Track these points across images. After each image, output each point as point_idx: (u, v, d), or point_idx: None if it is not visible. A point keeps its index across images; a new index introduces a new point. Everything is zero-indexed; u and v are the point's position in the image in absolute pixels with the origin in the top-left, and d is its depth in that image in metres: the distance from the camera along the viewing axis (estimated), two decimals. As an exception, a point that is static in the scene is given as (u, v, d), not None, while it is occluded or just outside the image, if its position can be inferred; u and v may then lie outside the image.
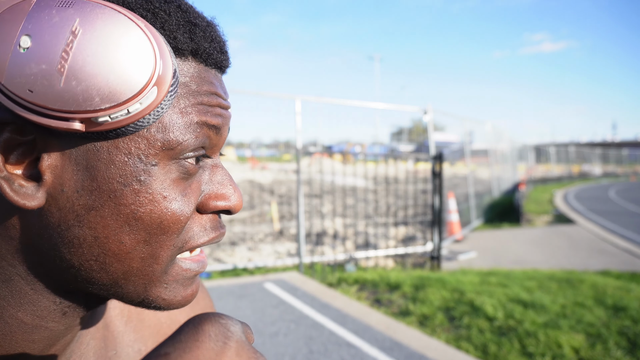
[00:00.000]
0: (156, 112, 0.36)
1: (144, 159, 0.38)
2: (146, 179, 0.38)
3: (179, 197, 0.40)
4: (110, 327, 0.55)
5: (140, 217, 0.39)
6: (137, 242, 0.39)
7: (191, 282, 0.44)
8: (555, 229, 10.52)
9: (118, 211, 0.38)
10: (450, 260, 7.29)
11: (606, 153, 48.99)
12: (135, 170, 0.38)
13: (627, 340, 3.62)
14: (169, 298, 0.43)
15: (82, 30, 0.33)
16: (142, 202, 0.39)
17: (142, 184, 0.38)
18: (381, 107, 8.15)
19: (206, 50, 0.42)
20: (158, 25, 0.38)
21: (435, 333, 3.92)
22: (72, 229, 0.39)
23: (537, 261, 7.14)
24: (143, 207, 0.39)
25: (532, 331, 3.74)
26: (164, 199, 0.39)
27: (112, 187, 0.38)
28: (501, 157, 15.63)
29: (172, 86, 0.37)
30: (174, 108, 0.39)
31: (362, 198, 14.36)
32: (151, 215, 0.39)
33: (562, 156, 36.49)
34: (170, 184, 0.39)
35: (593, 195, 19.85)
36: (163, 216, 0.39)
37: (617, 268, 6.47)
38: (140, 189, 0.38)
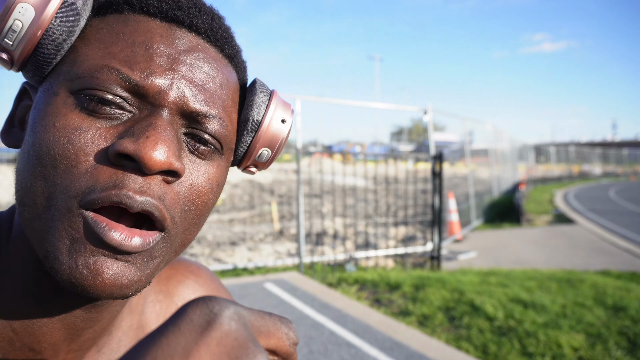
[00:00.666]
0: (48, 36, 0.39)
1: (50, 89, 0.41)
2: (45, 107, 0.40)
3: (73, 131, 0.39)
4: (145, 329, 0.56)
5: (35, 143, 0.40)
6: (36, 176, 0.39)
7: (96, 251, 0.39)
8: (555, 228, 10.52)
9: (27, 141, 0.41)
10: (450, 260, 7.29)
11: (606, 153, 48.99)
12: (41, 99, 0.41)
13: (627, 340, 3.62)
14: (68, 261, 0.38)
15: None
16: (38, 130, 0.40)
17: (41, 112, 0.40)
18: (381, 107, 8.15)
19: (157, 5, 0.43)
20: None
21: (435, 333, 3.92)
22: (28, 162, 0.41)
23: (537, 261, 7.14)
24: (39, 134, 0.40)
25: (532, 331, 3.73)
26: (54, 126, 0.39)
27: (33, 118, 0.41)
28: (501, 157, 15.64)
29: (62, 12, 0.39)
30: (85, 47, 0.41)
31: (362, 198, 14.35)
32: (41, 143, 0.39)
33: (562, 156, 36.49)
34: (65, 115, 0.39)
35: (593, 195, 19.86)
36: (52, 145, 0.39)
37: (617, 268, 6.47)
38: (38, 116, 0.41)
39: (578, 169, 39.63)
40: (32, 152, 0.40)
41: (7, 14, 0.38)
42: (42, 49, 0.40)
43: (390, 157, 6.94)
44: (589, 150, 44.55)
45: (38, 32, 0.38)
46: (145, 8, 0.43)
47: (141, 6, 0.43)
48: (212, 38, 0.46)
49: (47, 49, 0.40)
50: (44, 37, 0.39)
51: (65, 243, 0.38)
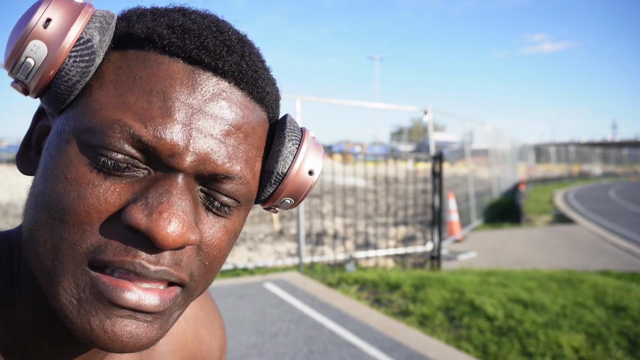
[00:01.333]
0: (61, 76, 0.37)
1: (62, 135, 0.39)
2: (57, 155, 0.38)
3: (84, 185, 0.37)
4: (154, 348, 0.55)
5: (44, 192, 0.38)
6: (41, 224, 0.38)
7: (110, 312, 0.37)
8: (555, 229, 10.52)
9: (36, 184, 0.40)
10: (450, 260, 7.29)
11: (606, 153, 48.98)
12: (52, 143, 0.39)
13: (628, 340, 3.62)
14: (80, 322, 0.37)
15: None
16: (48, 178, 0.38)
17: (52, 158, 0.39)
18: (381, 107, 8.15)
19: (165, 37, 0.40)
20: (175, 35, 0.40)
21: (435, 333, 3.92)
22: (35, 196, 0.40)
23: (537, 261, 7.14)
24: (49, 182, 0.38)
25: (532, 331, 3.73)
26: (65, 179, 0.37)
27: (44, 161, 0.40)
28: (501, 157, 15.63)
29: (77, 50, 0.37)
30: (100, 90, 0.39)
31: (362, 198, 14.35)
32: (51, 193, 0.37)
33: (562, 156, 36.49)
34: (77, 168, 0.37)
35: (593, 195, 19.85)
36: (62, 198, 0.37)
37: (618, 268, 6.47)
38: (49, 162, 0.39)
39: (578, 169, 39.62)
40: (40, 200, 0.38)
41: (20, 50, 0.37)
42: (55, 88, 0.38)
43: (390, 157, 6.93)
44: (589, 150, 44.55)
45: (50, 71, 0.37)
46: (168, 47, 0.40)
47: (163, 45, 0.40)
48: (240, 81, 0.42)
49: (59, 89, 0.38)
50: (57, 77, 0.37)
51: (72, 302, 0.37)
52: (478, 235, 9.77)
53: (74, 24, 0.37)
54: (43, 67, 0.37)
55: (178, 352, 0.58)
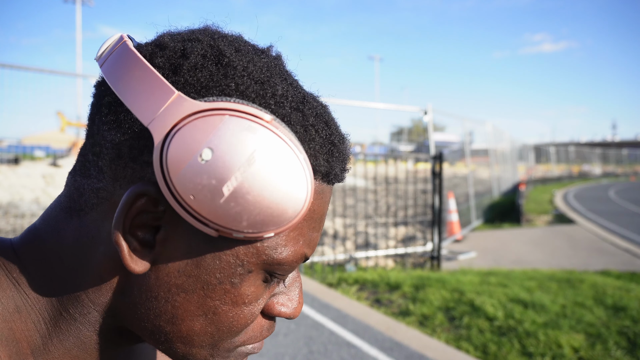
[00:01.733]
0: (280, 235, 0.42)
1: (245, 265, 0.42)
2: (238, 283, 0.42)
3: (254, 302, 0.44)
4: None
5: (218, 312, 0.43)
6: (205, 333, 0.43)
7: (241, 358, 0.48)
8: (555, 229, 10.52)
9: (203, 302, 0.42)
10: (450, 260, 7.29)
11: (606, 153, 48.99)
12: (234, 272, 0.42)
13: (627, 340, 3.62)
14: None
15: (255, 162, 0.37)
16: (226, 301, 0.42)
17: (233, 286, 0.42)
18: (381, 107, 8.15)
19: (337, 173, 0.45)
20: (305, 143, 0.42)
21: (435, 333, 3.92)
22: (158, 301, 0.43)
23: (537, 261, 7.14)
24: (225, 305, 0.42)
25: (532, 331, 3.73)
26: (244, 303, 0.43)
27: (209, 280, 0.42)
28: (501, 157, 15.63)
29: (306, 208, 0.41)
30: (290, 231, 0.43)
31: (362, 198, 14.34)
32: (227, 314, 0.43)
33: (562, 156, 36.49)
34: (254, 291, 0.43)
35: (593, 195, 19.86)
36: (236, 317, 0.43)
37: (617, 268, 6.47)
38: (230, 290, 0.42)
39: (578, 169, 39.62)
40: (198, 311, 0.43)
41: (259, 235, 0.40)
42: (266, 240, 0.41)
43: (390, 157, 6.93)
44: (588, 151, 44.56)
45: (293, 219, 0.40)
46: (334, 180, 0.45)
47: (334, 180, 0.45)
48: None
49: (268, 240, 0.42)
50: None
51: None
52: (478, 235, 9.77)
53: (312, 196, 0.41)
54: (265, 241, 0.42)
55: None
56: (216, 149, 0.36)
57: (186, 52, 0.41)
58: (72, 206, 0.44)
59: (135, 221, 0.40)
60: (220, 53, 0.41)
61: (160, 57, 0.41)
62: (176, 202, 0.38)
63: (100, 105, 0.43)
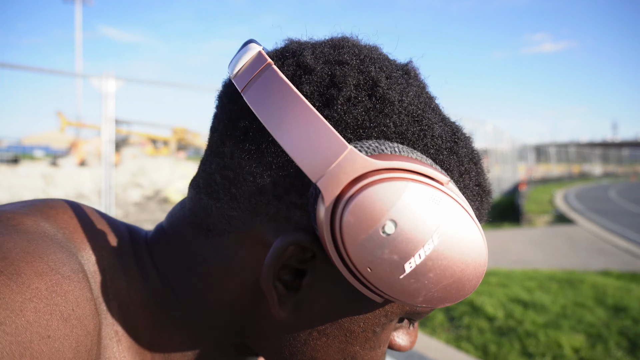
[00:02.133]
0: None
1: (389, 316, 0.42)
2: (379, 331, 0.43)
3: (386, 344, 0.45)
4: None
5: (356, 357, 0.43)
6: None
7: None
8: (555, 229, 10.52)
9: (344, 347, 0.43)
10: (450, 260, 7.29)
11: (606, 153, 49.01)
12: (377, 323, 0.42)
13: (628, 340, 3.61)
14: None
15: (441, 238, 0.34)
16: (366, 347, 0.43)
17: (375, 334, 0.43)
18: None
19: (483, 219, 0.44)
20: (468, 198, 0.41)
21: (435, 333, 3.91)
22: (296, 340, 0.42)
23: (538, 261, 7.13)
24: (364, 351, 0.43)
25: (532, 331, 3.73)
26: (379, 347, 0.44)
27: (352, 328, 0.42)
28: (501, 157, 15.64)
29: None
30: None
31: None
32: (364, 357, 0.44)
33: (562, 156, 36.51)
34: (388, 336, 0.45)
35: (593, 195, 19.86)
36: (369, 356, 0.44)
37: (618, 268, 6.46)
38: (371, 338, 0.43)
39: (578, 169, 39.63)
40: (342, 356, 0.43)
41: None
42: None
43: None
44: (589, 151, 44.57)
45: None
46: None
47: None
48: None
49: None
50: None
51: None
52: (478, 235, 9.76)
53: None
54: None
55: None
56: (400, 222, 0.33)
57: (337, 80, 0.38)
58: (198, 223, 0.43)
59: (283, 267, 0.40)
60: (374, 82, 0.39)
61: (308, 83, 0.39)
62: (348, 272, 0.36)
63: (234, 127, 0.41)
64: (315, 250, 0.38)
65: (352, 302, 0.41)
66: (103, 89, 5.45)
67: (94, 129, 21.47)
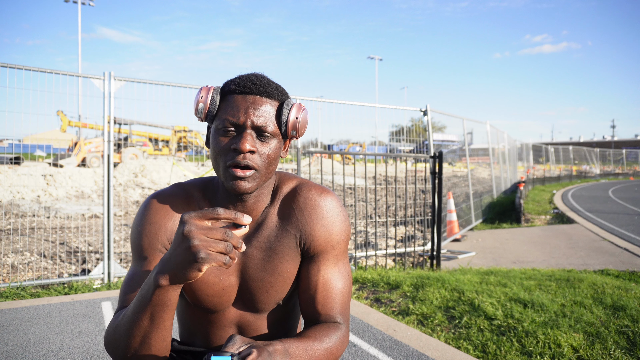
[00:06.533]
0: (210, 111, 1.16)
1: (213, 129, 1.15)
2: (212, 135, 1.15)
3: (219, 142, 1.11)
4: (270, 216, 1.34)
5: (212, 147, 1.14)
6: (213, 156, 1.13)
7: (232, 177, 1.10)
8: (554, 228, 10.54)
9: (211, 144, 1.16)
10: (450, 259, 7.30)
11: (605, 153, 48.98)
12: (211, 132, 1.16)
13: (627, 339, 3.63)
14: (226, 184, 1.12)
15: None
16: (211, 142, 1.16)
17: (212, 135, 1.15)
18: (381, 106, 8.16)
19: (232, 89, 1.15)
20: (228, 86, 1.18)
21: (434, 332, 3.93)
22: None
23: (537, 260, 7.15)
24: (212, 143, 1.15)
25: (531, 330, 3.75)
26: (213, 143, 1.14)
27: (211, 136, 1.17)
28: (501, 157, 15.64)
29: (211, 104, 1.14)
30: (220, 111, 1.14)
31: (362, 198, 14.35)
32: (212, 146, 1.14)
33: (561, 156, 36.49)
34: (216, 138, 1.13)
35: (592, 195, 19.88)
36: (215, 147, 1.12)
37: (616, 267, 6.49)
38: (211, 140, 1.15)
39: (577, 168, 39.61)
40: (211, 150, 1.12)
41: (197, 105, 1.13)
42: (208, 114, 1.14)
43: (390, 157, 6.93)
44: (588, 150, 44.53)
45: (206, 109, 1.14)
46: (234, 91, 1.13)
47: (234, 90, 1.13)
48: (264, 94, 1.12)
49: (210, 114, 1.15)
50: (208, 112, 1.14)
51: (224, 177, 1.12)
52: (477, 234, 9.79)
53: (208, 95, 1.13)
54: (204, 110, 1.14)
55: None
56: None
57: None
58: None
59: None
60: None
61: None
62: None
63: None
64: None
65: None
66: (104, 89, 5.46)
67: (94, 129, 21.44)
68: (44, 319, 4.21)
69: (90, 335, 3.83)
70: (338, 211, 1.26)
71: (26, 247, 7.22)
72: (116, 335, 0.98)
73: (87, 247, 7.44)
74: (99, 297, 4.88)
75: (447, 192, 9.37)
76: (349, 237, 1.31)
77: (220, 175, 1.12)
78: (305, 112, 1.17)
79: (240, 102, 1.09)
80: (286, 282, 1.19)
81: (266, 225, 1.20)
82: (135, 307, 0.93)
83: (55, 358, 3.36)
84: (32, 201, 13.01)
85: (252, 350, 0.86)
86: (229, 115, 1.09)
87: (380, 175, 19.97)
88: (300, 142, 6.64)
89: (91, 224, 9.73)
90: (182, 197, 1.20)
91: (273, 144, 1.13)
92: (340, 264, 1.24)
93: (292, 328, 1.34)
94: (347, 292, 1.23)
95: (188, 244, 0.84)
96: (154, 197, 1.19)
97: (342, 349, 1.12)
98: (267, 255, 1.18)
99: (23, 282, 5.20)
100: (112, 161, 5.43)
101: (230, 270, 1.17)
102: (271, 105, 1.12)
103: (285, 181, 1.27)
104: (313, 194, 1.23)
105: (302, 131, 1.16)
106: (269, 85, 1.12)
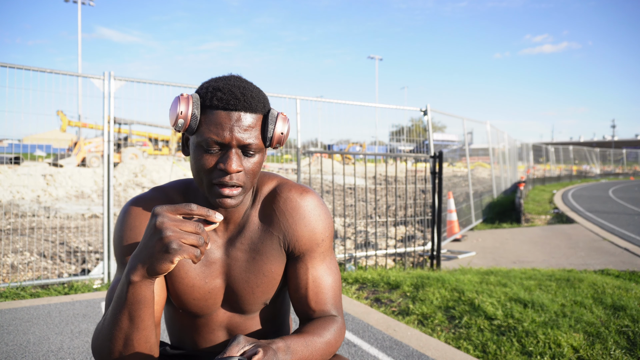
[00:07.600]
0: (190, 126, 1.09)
1: (193, 143, 1.11)
2: (193, 149, 1.11)
3: (203, 159, 1.08)
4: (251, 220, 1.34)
5: (192, 162, 1.11)
6: (195, 170, 1.11)
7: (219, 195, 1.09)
8: (554, 228, 10.53)
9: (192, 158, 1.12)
10: (450, 259, 7.30)
11: (605, 153, 48.97)
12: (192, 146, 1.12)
13: (627, 339, 3.63)
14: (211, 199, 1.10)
15: None
16: (192, 156, 1.11)
17: (192, 152, 1.11)
18: (381, 106, 8.15)
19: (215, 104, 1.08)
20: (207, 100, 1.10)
21: (434, 332, 3.93)
22: None
23: (537, 260, 7.15)
24: (194, 157, 1.10)
25: (531, 330, 3.75)
26: (195, 159, 1.10)
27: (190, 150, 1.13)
28: (501, 157, 15.64)
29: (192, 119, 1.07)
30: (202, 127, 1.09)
31: (362, 198, 14.36)
32: (193, 163, 1.11)
33: (561, 156, 36.49)
34: (198, 154, 1.09)
35: (592, 195, 19.87)
36: (198, 163, 1.09)
37: (617, 267, 6.48)
38: (192, 152, 1.11)
39: (577, 168, 39.61)
40: (192, 164, 1.12)
41: (176, 119, 1.05)
42: (189, 129, 1.08)
43: (390, 156, 6.93)
44: (588, 150, 44.53)
45: (187, 125, 1.07)
46: (217, 107, 1.07)
47: (217, 106, 1.07)
48: (249, 109, 1.08)
49: (191, 129, 1.09)
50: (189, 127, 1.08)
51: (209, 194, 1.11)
52: (477, 234, 9.78)
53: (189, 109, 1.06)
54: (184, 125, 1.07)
55: None
56: None
57: None
58: None
59: None
60: None
61: None
62: None
63: None
64: None
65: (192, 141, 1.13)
66: (104, 89, 5.46)
67: (94, 128, 21.43)
68: (43, 319, 4.21)
69: (90, 335, 3.83)
70: (319, 210, 1.24)
71: (26, 247, 7.22)
72: (99, 341, 0.99)
73: (87, 247, 7.44)
74: (99, 297, 4.88)
75: (447, 192, 9.37)
76: (333, 234, 1.29)
77: (204, 190, 1.10)
78: (288, 123, 1.14)
79: (224, 120, 1.04)
80: (272, 282, 1.21)
81: (248, 228, 1.21)
82: (113, 309, 0.94)
83: (55, 358, 3.36)
84: (32, 201, 13.01)
85: (258, 350, 0.88)
86: (213, 134, 1.04)
87: (380, 175, 19.97)
88: (300, 142, 6.63)
89: (91, 224, 9.73)
90: (162, 201, 1.19)
91: (257, 158, 1.11)
92: (328, 259, 1.26)
93: (282, 325, 1.38)
94: (338, 285, 1.25)
95: (160, 235, 0.85)
96: (133, 202, 1.19)
97: (340, 340, 1.16)
98: (252, 257, 1.19)
99: (23, 282, 5.20)
100: (112, 161, 5.43)
101: (215, 272, 1.18)
102: (255, 119, 1.09)
103: (264, 182, 1.27)
104: (293, 195, 1.22)
105: (285, 141, 1.16)
106: (252, 99, 1.07)
